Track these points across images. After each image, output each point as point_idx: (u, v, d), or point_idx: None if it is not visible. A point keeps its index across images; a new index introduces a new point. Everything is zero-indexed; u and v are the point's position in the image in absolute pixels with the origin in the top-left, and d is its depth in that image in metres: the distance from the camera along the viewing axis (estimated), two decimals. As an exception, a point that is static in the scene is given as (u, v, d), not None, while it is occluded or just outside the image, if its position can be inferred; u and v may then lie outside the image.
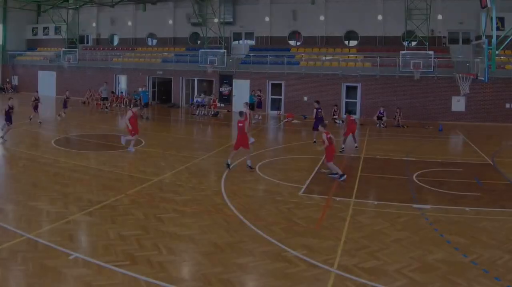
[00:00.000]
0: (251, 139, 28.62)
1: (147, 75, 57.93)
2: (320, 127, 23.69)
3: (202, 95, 50.53)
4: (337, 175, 21.65)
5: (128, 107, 50.13)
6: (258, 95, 46.54)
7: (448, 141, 36.27)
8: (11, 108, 28.73)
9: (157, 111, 48.50)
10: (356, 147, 29.76)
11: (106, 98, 50.48)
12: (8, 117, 28.53)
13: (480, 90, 43.97)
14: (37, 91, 37.41)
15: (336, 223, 15.75)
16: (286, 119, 44.89)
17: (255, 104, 43.84)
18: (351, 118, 29.68)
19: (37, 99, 35.48)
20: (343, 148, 28.94)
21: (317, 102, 33.31)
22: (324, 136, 21.97)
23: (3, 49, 69.74)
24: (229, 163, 23.16)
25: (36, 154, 25.87)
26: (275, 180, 21.58)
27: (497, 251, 13.41)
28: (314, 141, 30.76)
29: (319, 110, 32.20)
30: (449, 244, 13.99)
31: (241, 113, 24.12)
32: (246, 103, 31.91)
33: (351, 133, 29.26)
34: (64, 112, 36.07)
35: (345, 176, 21.88)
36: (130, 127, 26.78)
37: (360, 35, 55.58)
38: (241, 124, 23.23)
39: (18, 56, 68.98)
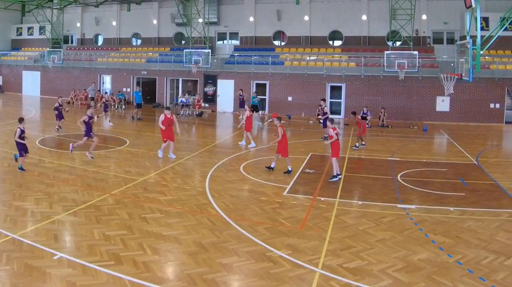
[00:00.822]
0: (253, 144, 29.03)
1: (132, 75, 57.86)
2: (328, 123, 23.67)
3: (187, 95, 50.28)
4: (336, 178, 21.73)
5: (113, 107, 50.11)
6: (240, 95, 46.57)
7: (432, 141, 36.30)
8: (60, 105, 28.54)
9: (141, 111, 48.20)
10: (357, 146, 30.07)
11: (92, 98, 50.33)
12: (90, 128, 27.79)
13: (465, 90, 44.10)
14: (61, 97, 35.35)
15: (321, 223, 15.80)
16: (271, 119, 44.87)
17: (257, 106, 44.01)
18: (358, 117, 29.97)
19: (61, 105, 33.84)
20: (363, 144, 30.08)
21: (323, 100, 34.98)
22: (331, 131, 22.04)
23: (-12, 50, 69.36)
24: (272, 167, 23.24)
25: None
26: (259, 180, 21.65)
27: (482, 251, 13.48)
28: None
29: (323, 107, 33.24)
30: (434, 244, 14.06)
31: (279, 118, 23.96)
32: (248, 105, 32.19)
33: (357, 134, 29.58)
34: (60, 126, 34.43)
35: (340, 176, 22.06)
36: (162, 127, 25.33)
37: (345, 35, 55.64)
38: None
39: (3, 56, 68.55)
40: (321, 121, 35.42)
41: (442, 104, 45.57)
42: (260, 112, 49.74)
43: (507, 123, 44.83)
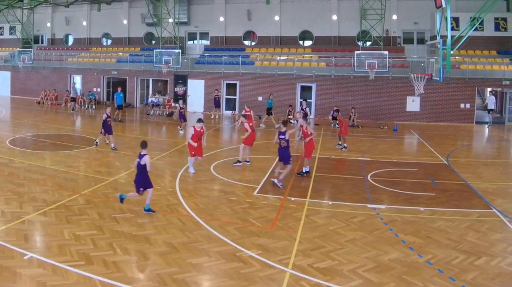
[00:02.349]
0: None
1: (102, 75, 57.77)
2: (301, 120, 23.89)
3: (157, 95, 50.27)
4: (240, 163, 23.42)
5: (83, 107, 49.86)
6: (216, 95, 46.86)
7: (403, 141, 36.49)
8: (108, 117, 27.50)
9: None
10: (340, 145, 30.40)
11: (74, 99, 50.03)
12: (108, 127, 27.49)
13: (435, 90, 44.44)
14: (108, 106, 31.19)
15: (291, 223, 15.80)
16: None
17: (271, 109, 43.73)
18: (341, 115, 30.03)
19: (109, 117, 30.80)
20: (345, 146, 29.99)
21: (305, 100, 36.16)
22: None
23: (-42, 50, 68.67)
24: (307, 171, 23.05)
25: (-9, 154, 25.62)
26: (230, 180, 21.65)
27: (452, 251, 13.52)
28: None
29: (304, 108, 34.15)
30: (404, 244, 14.09)
31: (305, 116, 23.88)
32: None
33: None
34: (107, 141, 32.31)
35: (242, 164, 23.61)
36: (193, 144, 22.54)
37: (315, 35, 55.88)
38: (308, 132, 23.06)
39: (-27, 56, 67.95)
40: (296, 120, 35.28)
41: (413, 104, 45.82)
42: (231, 112, 49.79)
43: (477, 123, 45.22)
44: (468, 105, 44.85)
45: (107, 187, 19.67)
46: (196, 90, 51.56)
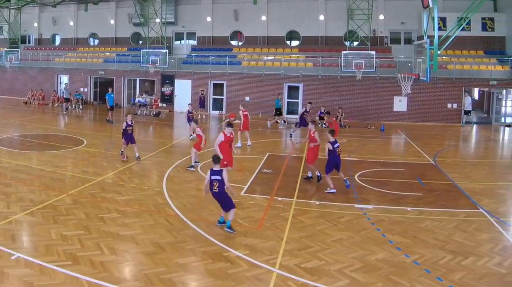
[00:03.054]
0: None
1: (89, 75, 57.56)
2: (310, 124, 23.09)
3: (144, 95, 50.16)
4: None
5: (71, 107, 49.68)
6: (202, 95, 47.02)
7: (390, 141, 36.61)
8: (129, 125, 25.81)
9: (99, 111, 47.97)
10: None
11: (68, 99, 49.85)
12: (129, 136, 25.79)
13: (422, 90, 44.46)
14: (190, 103, 31.99)
15: (278, 223, 15.85)
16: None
17: (281, 109, 43.77)
18: (332, 118, 29.92)
19: (190, 113, 31.11)
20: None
21: (310, 103, 35.49)
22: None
23: None
24: (310, 176, 22.54)
25: (-22, 155, 25.50)
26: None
27: (439, 251, 13.58)
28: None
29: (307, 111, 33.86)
30: (391, 244, 14.14)
31: (313, 122, 23.53)
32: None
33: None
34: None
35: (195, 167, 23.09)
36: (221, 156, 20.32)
37: (302, 35, 55.89)
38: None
39: (-40, 56, 67.63)
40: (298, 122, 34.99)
41: (400, 104, 45.85)
42: (218, 112, 49.78)
43: (465, 123, 45.31)
44: (455, 106, 44.90)
45: (94, 187, 19.62)
46: (183, 90, 51.40)
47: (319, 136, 21.69)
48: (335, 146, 20.45)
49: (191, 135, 32.16)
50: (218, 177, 14.62)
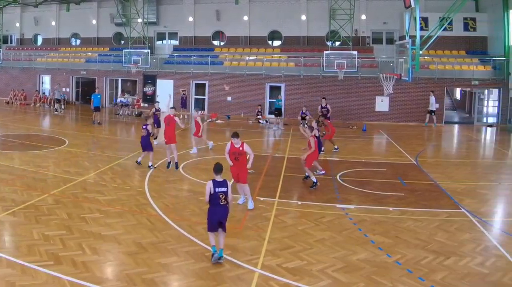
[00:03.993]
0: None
1: (71, 75, 57.47)
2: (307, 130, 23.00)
3: (126, 95, 50.07)
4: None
5: (52, 107, 49.49)
6: (184, 94, 47.15)
7: (372, 141, 36.67)
8: (150, 134, 24.71)
9: (81, 111, 47.83)
10: (336, 148, 29.82)
11: (59, 100, 49.53)
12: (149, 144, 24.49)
13: (404, 90, 44.68)
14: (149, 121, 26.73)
15: (260, 223, 15.85)
16: (210, 119, 44.73)
17: (280, 110, 43.43)
18: (327, 121, 29.89)
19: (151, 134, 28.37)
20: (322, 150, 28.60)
21: (324, 98, 36.37)
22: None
23: None
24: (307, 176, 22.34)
25: (-42, 154, 25.40)
26: (199, 180, 21.59)
27: (421, 251, 13.60)
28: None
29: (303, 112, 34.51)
30: (373, 244, 14.15)
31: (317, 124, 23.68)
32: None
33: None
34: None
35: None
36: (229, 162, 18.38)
37: (284, 35, 56.18)
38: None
39: None
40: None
41: (382, 104, 46.05)
42: (199, 112, 49.73)
43: (446, 123, 45.63)
44: (437, 105, 44.99)
45: (76, 187, 19.53)
46: (165, 90, 51.01)
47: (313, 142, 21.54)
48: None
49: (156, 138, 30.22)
50: (224, 189, 12.73)
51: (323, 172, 22.85)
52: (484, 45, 49.28)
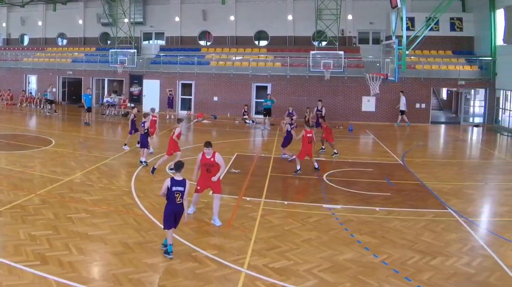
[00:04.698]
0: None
1: (57, 75, 57.15)
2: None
3: (113, 95, 49.90)
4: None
5: (38, 107, 49.34)
6: (170, 94, 47.11)
7: (358, 141, 36.68)
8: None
9: (67, 111, 47.65)
10: (336, 153, 29.03)
11: (52, 101, 49.12)
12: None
13: (391, 90, 44.68)
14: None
15: (247, 223, 15.86)
16: (196, 119, 44.67)
17: (270, 110, 42.68)
18: (326, 123, 29.92)
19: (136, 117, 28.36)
20: (323, 148, 29.68)
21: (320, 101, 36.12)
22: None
23: None
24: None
25: None
26: (184, 179, 21.47)
27: (408, 251, 13.63)
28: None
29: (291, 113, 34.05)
30: (359, 244, 14.17)
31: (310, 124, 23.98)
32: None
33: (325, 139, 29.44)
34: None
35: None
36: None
37: (270, 35, 56.19)
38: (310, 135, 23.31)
39: None
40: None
41: (368, 104, 46.07)
42: (186, 112, 49.69)
43: (433, 123, 45.74)
44: (423, 105, 45.21)
45: (63, 187, 19.50)
46: (151, 90, 51.23)
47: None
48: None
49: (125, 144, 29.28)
50: (181, 188, 12.97)
51: (291, 158, 23.87)
52: (471, 45, 49.40)
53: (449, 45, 49.25)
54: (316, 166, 23.77)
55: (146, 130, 24.59)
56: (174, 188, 12.84)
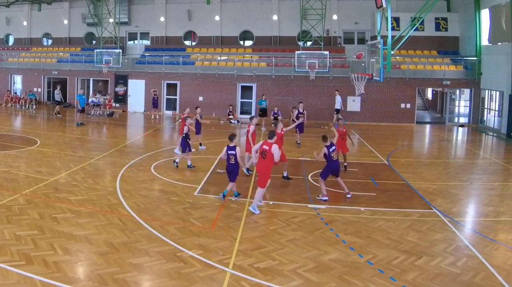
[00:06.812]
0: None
1: (42, 75, 57.11)
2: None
3: (98, 95, 49.70)
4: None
5: (24, 107, 49.18)
6: (155, 95, 47.32)
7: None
8: (187, 134, 24.52)
9: (52, 111, 47.36)
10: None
11: (60, 102, 48.86)
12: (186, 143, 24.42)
13: (376, 90, 44.93)
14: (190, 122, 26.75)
15: (232, 223, 15.86)
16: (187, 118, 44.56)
17: (266, 110, 42.27)
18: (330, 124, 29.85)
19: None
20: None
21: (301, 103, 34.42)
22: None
23: None
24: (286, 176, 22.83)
25: None
26: (170, 180, 21.64)
27: (393, 251, 13.66)
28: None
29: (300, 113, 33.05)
30: (344, 244, 14.18)
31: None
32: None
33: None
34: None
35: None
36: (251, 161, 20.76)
37: (255, 35, 56.43)
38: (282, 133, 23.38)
39: None
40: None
41: (353, 104, 46.14)
42: (171, 112, 49.62)
43: (418, 123, 45.90)
44: (408, 105, 45.37)
45: (48, 187, 19.45)
46: (136, 90, 51.28)
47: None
48: (331, 149, 19.94)
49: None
50: (233, 152, 18.01)
51: (326, 198, 22.12)
52: (456, 45, 49.68)
53: (434, 45, 49.52)
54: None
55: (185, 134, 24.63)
56: (229, 152, 18.00)
